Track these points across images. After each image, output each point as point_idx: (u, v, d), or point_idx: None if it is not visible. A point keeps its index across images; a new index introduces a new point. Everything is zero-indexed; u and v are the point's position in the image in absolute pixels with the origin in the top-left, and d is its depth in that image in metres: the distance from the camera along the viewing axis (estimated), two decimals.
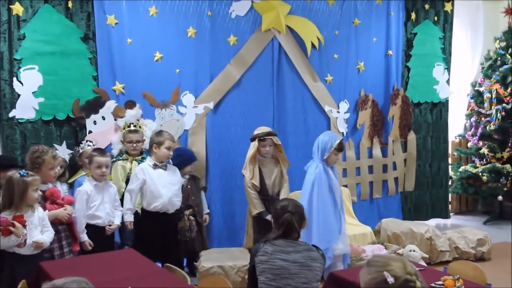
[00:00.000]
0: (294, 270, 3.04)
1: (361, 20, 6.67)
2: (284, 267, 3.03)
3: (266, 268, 3.05)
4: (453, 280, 3.00)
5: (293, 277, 3.03)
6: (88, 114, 5.19)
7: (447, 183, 7.69)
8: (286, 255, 3.07)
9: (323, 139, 4.92)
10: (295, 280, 3.02)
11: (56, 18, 5.04)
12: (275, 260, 3.06)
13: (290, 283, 3.02)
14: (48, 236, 3.82)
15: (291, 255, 3.07)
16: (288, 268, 3.03)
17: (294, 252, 3.09)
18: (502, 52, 7.66)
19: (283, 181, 5.27)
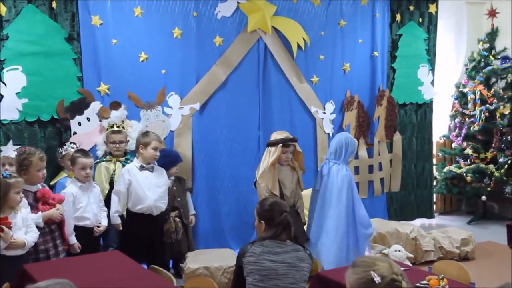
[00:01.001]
0: (282, 271, 3.05)
1: (346, 21, 6.70)
2: (272, 268, 3.04)
3: (254, 269, 3.05)
4: (437, 280, 3.02)
5: (281, 278, 3.04)
6: (72, 115, 5.15)
7: (431, 183, 7.74)
8: (274, 256, 3.08)
9: (347, 141, 4.83)
10: (283, 281, 3.03)
11: (39, 18, 4.99)
12: (263, 261, 3.06)
13: (278, 283, 3.02)
14: (31, 236, 3.78)
15: (279, 255, 3.08)
16: (276, 269, 3.04)
17: (283, 252, 3.09)
18: (485, 53, 7.74)
19: (299, 191, 4.96)
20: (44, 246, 3.99)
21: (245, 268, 3.09)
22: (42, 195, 4.11)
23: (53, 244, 4.08)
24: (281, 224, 3.18)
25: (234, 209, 6.08)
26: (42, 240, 3.99)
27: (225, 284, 4.64)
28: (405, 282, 2.03)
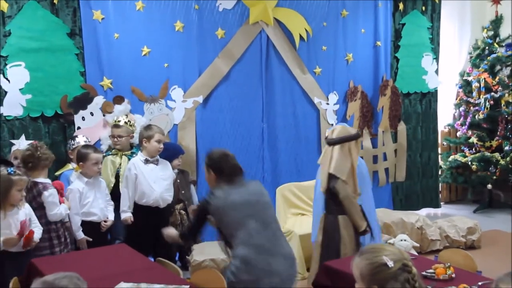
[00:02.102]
0: (254, 197, 3.35)
1: (349, 12, 6.67)
2: (242, 200, 3.29)
3: (226, 208, 3.25)
4: (444, 268, 3.02)
5: (254, 205, 3.32)
6: (76, 110, 5.15)
7: (437, 172, 7.73)
8: (238, 191, 3.32)
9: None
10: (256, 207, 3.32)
11: (41, 14, 4.98)
12: (231, 198, 3.28)
13: (253, 210, 3.28)
14: (36, 232, 3.80)
15: (242, 190, 3.35)
16: (247, 198, 3.31)
17: (244, 188, 3.37)
18: (489, 41, 7.69)
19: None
20: (49, 242, 4.01)
21: (214, 214, 3.29)
22: (60, 187, 4.20)
23: (59, 241, 4.09)
24: (231, 170, 3.42)
25: None
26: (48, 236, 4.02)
27: None
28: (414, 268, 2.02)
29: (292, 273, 3.38)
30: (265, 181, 6.24)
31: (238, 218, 3.26)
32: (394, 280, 1.95)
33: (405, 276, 1.97)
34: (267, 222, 3.35)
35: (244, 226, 3.24)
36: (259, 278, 3.20)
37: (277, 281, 3.23)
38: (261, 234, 3.27)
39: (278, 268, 3.25)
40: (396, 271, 1.96)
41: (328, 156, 4.03)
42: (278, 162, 6.29)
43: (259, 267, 3.21)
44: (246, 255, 3.21)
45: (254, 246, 3.23)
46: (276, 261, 3.26)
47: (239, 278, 3.20)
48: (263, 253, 3.23)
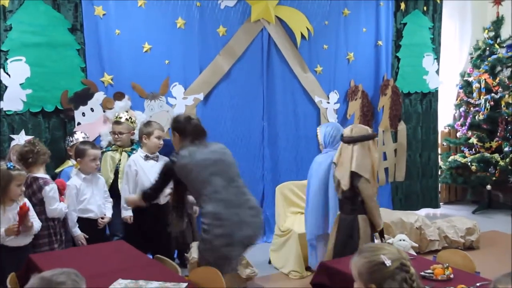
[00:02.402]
0: (215, 157, 3.58)
1: (350, 10, 6.67)
2: (206, 158, 3.51)
3: (192, 166, 3.47)
4: (442, 269, 3.02)
5: (219, 163, 3.55)
6: (76, 106, 5.15)
7: (436, 173, 7.73)
8: (202, 151, 3.55)
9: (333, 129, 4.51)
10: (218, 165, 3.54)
11: (43, 9, 4.98)
12: (196, 157, 3.50)
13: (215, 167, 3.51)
14: (35, 225, 3.80)
15: (206, 149, 3.59)
16: (210, 157, 3.54)
17: (207, 147, 3.61)
18: (490, 42, 7.69)
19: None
20: (48, 239, 4.01)
21: (180, 171, 3.51)
22: (62, 187, 4.22)
23: (55, 238, 4.09)
24: (194, 130, 3.64)
25: None
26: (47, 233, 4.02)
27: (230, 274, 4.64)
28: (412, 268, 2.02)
29: (259, 222, 3.64)
30: (265, 179, 6.25)
31: (203, 176, 3.47)
32: (391, 279, 1.95)
33: (403, 276, 1.97)
34: (232, 179, 3.57)
35: (210, 183, 3.46)
36: (232, 231, 3.42)
37: (249, 232, 3.49)
38: (227, 190, 3.49)
39: (247, 219, 3.48)
40: (394, 270, 1.96)
41: (348, 155, 3.95)
42: (278, 160, 6.30)
43: (230, 221, 3.42)
44: (216, 211, 3.43)
45: (222, 201, 3.45)
46: (244, 212, 3.49)
47: (213, 234, 3.41)
48: (232, 207, 3.45)
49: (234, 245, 3.46)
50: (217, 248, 3.43)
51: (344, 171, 3.93)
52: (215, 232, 3.41)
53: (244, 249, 3.58)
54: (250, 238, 3.53)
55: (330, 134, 4.47)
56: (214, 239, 3.42)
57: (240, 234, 3.44)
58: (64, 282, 1.90)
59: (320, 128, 4.65)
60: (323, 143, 4.52)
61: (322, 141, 4.52)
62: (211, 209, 3.44)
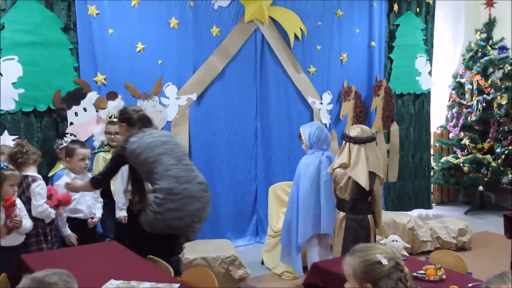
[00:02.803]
0: (164, 138, 3.87)
1: (344, 11, 6.68)
2: (154, 140, 3.79)
3: (141, 149, 3.74)
4: (434, 269, 3.03)
5: (166, 143, 3.82)
6: (69, 106, 5.13)
7: (429, 174, 7.75)
8: (150, 135, 3.83)
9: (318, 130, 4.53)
10: (167, 145, 3.81)
11: (36, 8, 4.96)
12: (144, 140, 3.78)
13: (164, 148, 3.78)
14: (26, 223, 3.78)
15: (155, 134, 3.87)
16: (159, 139, 3.82)
17: (153, 133, 3.90)
18: (483, 43, 7.73)
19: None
20: (36, 238, 3.99)
21: (131, 156, 3.77)
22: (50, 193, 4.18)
23: (45, 239, 4.06)
24: (140, 120, 3.97)
25: (231, 199, 6.11)
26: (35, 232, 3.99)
27: (223, 275, 4.65)
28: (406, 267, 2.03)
29: (207, 197, 3.90)
30: (257, 179, 6.25)
31: (153, 156, 3.74)
32: (387, 278, 1.95)
33: (398, 275, 1.97)
34: (180, 157, 3.85)
35: (160, 162, 3.73)
36: (183, 205, 3.69)
37: (198, 205, 3.77)
38: (176, 167, 3.76)
39: (197, 194, 3.77)
40: (390, 269, 1.96)
41: (360, 155, 3.97)
42: (271, 160, 6.30)
43: (181, 195, 3.69)
44: (169, 186, 3.69)
45: (173, 177, 3.71)
46: (194, 187, 3.77)
47: (165, 207, 3.68)
48: (182, 183, 3.72)
49: (183, 218, 3.72)
50: (167, 220, 3.70)
51: (360, 171, 3.93)
52: (167, 206, 3.68)
53: (192, 221, 3.80)
54: (199, 211, 3.80)
55: (315, 135, 4.47)
56: (165, 212, 3.69)
57: (190, 208, 3.72)
58: (56, 282, 1.89)
59: (303, 128, 4.61)
60: (308, 143, 4.51)
61: (307, 141, 4.51)
62: (164, 185, 3.70)
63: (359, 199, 3.99)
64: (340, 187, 3.99)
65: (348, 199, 3.99)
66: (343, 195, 4.01)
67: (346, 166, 3.97)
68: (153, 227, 3.77)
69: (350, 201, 3.99)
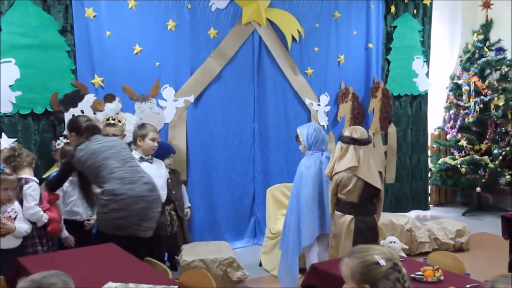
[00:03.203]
0: (110, 143, 4.06)
1: (341, 13, 6.69)
2: (100, 146, 3.98)
3: (88, 156, 3.93)
4: (432, 271, 3.03)
5: (112, 148, 4.00)
6: (66, 108, 5.12)
7: (426, 175, 7.76)
8: (97, 142, 4.04)
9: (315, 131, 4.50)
10: (114, 149, 4.00)
11: (33, 10, 4.96)
12: (91, 146, 3.98)
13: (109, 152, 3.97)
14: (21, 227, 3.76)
15: (102, 140, 4.07)
16: (105, 144, 4.01)
17: (100, 140, 4.08)
18: (480, 45, 7.74)
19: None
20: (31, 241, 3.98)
21: (78, 163, 3.99)
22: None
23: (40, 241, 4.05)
24: (88, 129, 4.16)
25: (229, 201, 6.10)
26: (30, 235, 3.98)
27: (221, 277, 4.65)
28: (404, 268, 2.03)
29: (154, 196, 4.00)
30: (255, 181, 6.25)
31: (99, 161, 3.92)
32: (385, 279, 1.96)
33: (396, 276, 1.98)
34: (125, 160, 4.01)
35: (105, 166, 3.90)
36: (127, 205, 3.81)
37: (143, 205, 3.88)
38: (121, 169, 3.91)
39: (141, 193, 3.87)
40: (388, 270, 1.97)
41: (366, 157, 3.96)
42: (269, 162, 6.30)
43: (126, 195, 3.81)
44: (113, 188, 3.83)
45: (118, 179, 3.86)
46: (138, 187, 3.88)
47: (109, 208, 3.84)
48: (127, 184, 3.85)
49: (128, 217, 3.84)
50: (113, 219, 3.86)
51: (373, 173, 3.93)
52: (111, 207, 3.84)
53: (139, 220, 3.89)
54: (144, 210, 3.90)
55: (312, 135, 4.45)
56: (110, 212, 3.85)
57: (135, 207, 3.84)
58: (55, 283, 1.89)
59: (300, 129, 4.57)
60: (306, 144, 4.50)
61: (305, 142, 4.49)
62: (108, 188, 3.86)
63: (368, 200, 3.98)
64: (349, 190, 3.94)
65: (357, 201, 3.96)
66: (350, 198, 3.98)
67: (356, 168, 3.93)
68: (104, 227, 3.95)
69: (359, 203, 3.97)
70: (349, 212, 3.99)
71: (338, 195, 4.04)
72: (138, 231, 3.94)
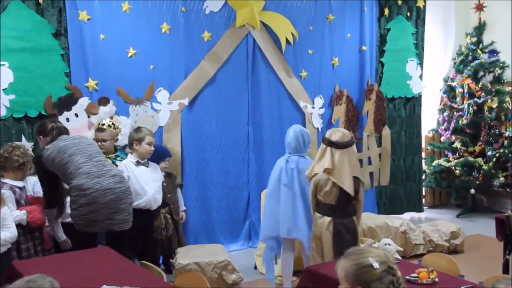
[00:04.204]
0: (77, 140, 4.12)
1: (335, 16, 6.70)
2: (66, 144, 4.03)
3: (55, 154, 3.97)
4: (427, 272, 3.04)
5: (78, 144, 4.06)
6: (60, 111, 5.10)
7: (420, 177, 7.78)
8: (64, 140, 4.10)
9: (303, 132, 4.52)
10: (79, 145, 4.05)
11: (26, 13, 4.94)
12: (57, 144, 4.03)
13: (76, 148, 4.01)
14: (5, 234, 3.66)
15: (68, 139, 4.12)
16: (71, 142, 4.08)
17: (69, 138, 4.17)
18: (473, 47, 7.77)
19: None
20: (26, 245, 3.96)
21: (47, 162, 4.00)
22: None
23: (33, 243, 4.03)
24: (52, 129, 4.22)
25: (223, 204, 6.10)
26: (23, 238, 3.96)
27: (216, 280, 4.65)
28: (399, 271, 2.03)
29: (122, 188, 4.01)
30: (250, 184, 6.25)
31: (65, 158, 3.95)
32: (379, 282, 1.96)
33: (390, 279, 1.98)
34: (92, 155, 4.04)
35: (72, 162, 3.93)
36: (95, 199, 3.84)
37: (112, 197, 3.91)
38: (87, 164, 3.95)
39: (109, 186, 3.90)
40: (381, 273, 1.97)
41: (342, 160, 3.99)
42: (263, 165, 6.29)
43: (93, 189, 3.85)
44: (79, 183, 3.86)
45: (84, 174, 3.89)
46: (106, 180, 3.92)
47: (79, 204, 3.87)
48: (93, 178, 3.89)
49: (98, 211, 3.87)
50: (84, 215, 3.88)
51: (345, 177, 3.96)
52: (80, 202, 3.87)
53: (110, 213, 3.92)
54: (114, 202, 3.93)
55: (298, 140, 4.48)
56: (80, 207, 3.88)
57: (103, 200, 3.87)
58: (43, 284, 1.89)
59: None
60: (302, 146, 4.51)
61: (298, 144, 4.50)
62: (75, 183, 3.89)
63: (345, 202, 4.02)
64: (325, 192, 3.99)
65: (334, 203, 4.00)
66: (328, 200, 4.02)
67: (330, 171, 3.98)
68: (78, 225, 3.95)
69: (336, 205, 4.01)
70: (328, 214, 4.04)
71: (317, 196, 4.08)
72: (112, 225, 3.97)
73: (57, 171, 4.05)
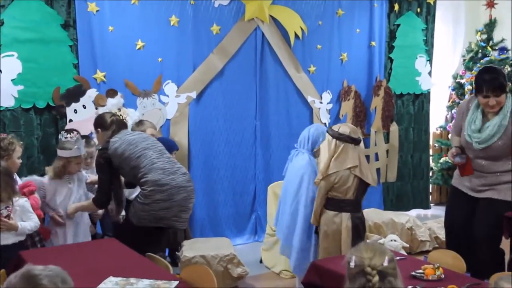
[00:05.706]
0: (143, 135, 4.09)
1: (344, 11, 6.67)
2: (134, 139, 3.94)
3: (125, 146, 3.86)
4: (433, 269, 3.03)
5: (147, 139, 4.00)
6: (68, 103, 5.12)
7: (428, 174, 7.75)
8: (130, 134, 4.03)
9: (314, 131, 4.50)
10: (147, 141, 3.98)
11: (35, 4, 4.95)
12: (126, 137, 3.94)
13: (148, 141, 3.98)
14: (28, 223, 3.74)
15: (134, 133, 4.08)
16: (139, 135, 4.03)
17: (133, 132, 4.17)
18: (483, 44, 7.71)
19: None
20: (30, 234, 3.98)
21: (115, 156, 3.87)
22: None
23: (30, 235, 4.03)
24: (113, 123, 4.11)
25: (230, 198, 6.11)
26: None
27: (221, 273, 4.65)
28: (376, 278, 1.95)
29: (192, 187, 4.00)
30: (257, 178, 6.25)
31: (138, 151, 3.86)
32: (352, 281, 1.96)
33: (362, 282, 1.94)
34: (162, 152, 4.00)
35: (146, 156, 3.85)
36: (171, 195, 3.80)
37: (184, 195, 3.88)
38: (160, 160, 3.89)
39: (182, 184, 3.87)
40: (355, 274, 1.96)
41: (362, 155, 4.11)
42: (270, 159, 6.30)
43: (169, 185, 3.80)
44: (156, 178, 3.79)
45: (159, 169, 3.82)
46: (179, 178, 3.88)
47: (153, 199, 3.77)
48: (168, 174, 3.84)
49: (171, 208, 3.83)
50: (155, 211, 3.80)
51: (367, 170, 4.05)
52: (155, 197, 3.78)
53: (179, 211, 3.89)
54: (185, 201, 3.90)
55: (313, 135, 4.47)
56: (153, 203, 3.79)
57: (177, 197, 3.83)
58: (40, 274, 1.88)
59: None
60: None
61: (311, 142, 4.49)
62: (152, 177, 3.80)
63: (361, 196, 4.08)
64: (348, 187, 3.96)
65: (353, 198, 4.00)
66: (347, 195, 3.99)
67: (355, 167, 3.96)
68: (141, 219, 3.85)
69: (355, 200, 4.02)
70: (345, 210, 4.01)
71: (330, 194, 4.02)
72: (176, 223, 3.95)
73: (125, 165, 3.90)
